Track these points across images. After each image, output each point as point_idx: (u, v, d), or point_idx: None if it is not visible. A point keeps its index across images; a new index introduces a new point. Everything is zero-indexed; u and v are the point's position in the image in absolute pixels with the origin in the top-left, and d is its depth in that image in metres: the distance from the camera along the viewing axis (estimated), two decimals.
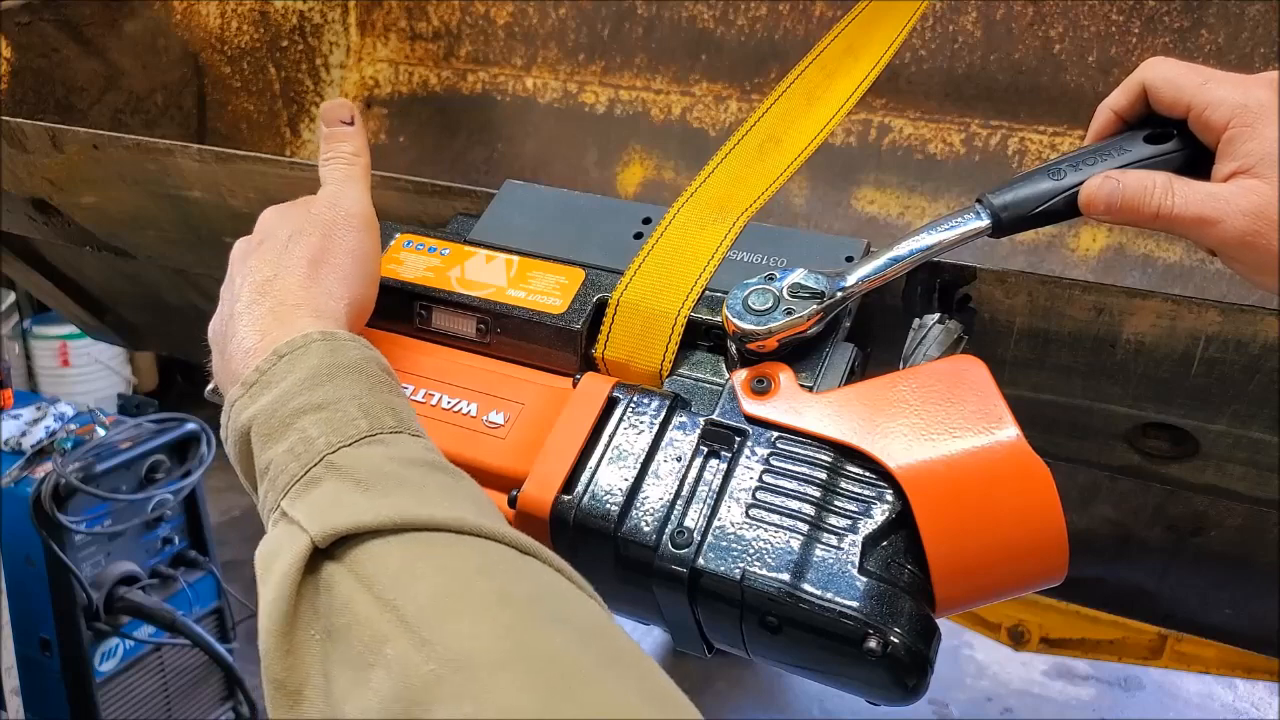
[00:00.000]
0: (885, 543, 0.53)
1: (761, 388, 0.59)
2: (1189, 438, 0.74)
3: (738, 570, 0.53)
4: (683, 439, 0.59)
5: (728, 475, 0.57)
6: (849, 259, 0.66)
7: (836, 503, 0.54)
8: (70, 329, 3.78)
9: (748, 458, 0.57)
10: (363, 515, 0.45)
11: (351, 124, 0.69)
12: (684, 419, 0.60)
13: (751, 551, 0.53)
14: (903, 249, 0.63)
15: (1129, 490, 0.89)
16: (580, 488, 0.58)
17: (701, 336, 0.64)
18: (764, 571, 0.52)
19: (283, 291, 0.58)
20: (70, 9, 1.35)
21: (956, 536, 0.52)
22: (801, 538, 0.53)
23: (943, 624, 0.54)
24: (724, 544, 0.54)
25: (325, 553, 0.45)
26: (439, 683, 0.39)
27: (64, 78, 1.36)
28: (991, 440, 0.53)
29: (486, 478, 0.61)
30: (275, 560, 0.46)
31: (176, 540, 2.32)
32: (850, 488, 0.55)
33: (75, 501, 2.07)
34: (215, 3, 1.54)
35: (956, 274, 0.68)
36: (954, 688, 2.97)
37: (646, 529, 0.56)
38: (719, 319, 0.62)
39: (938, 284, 0.68)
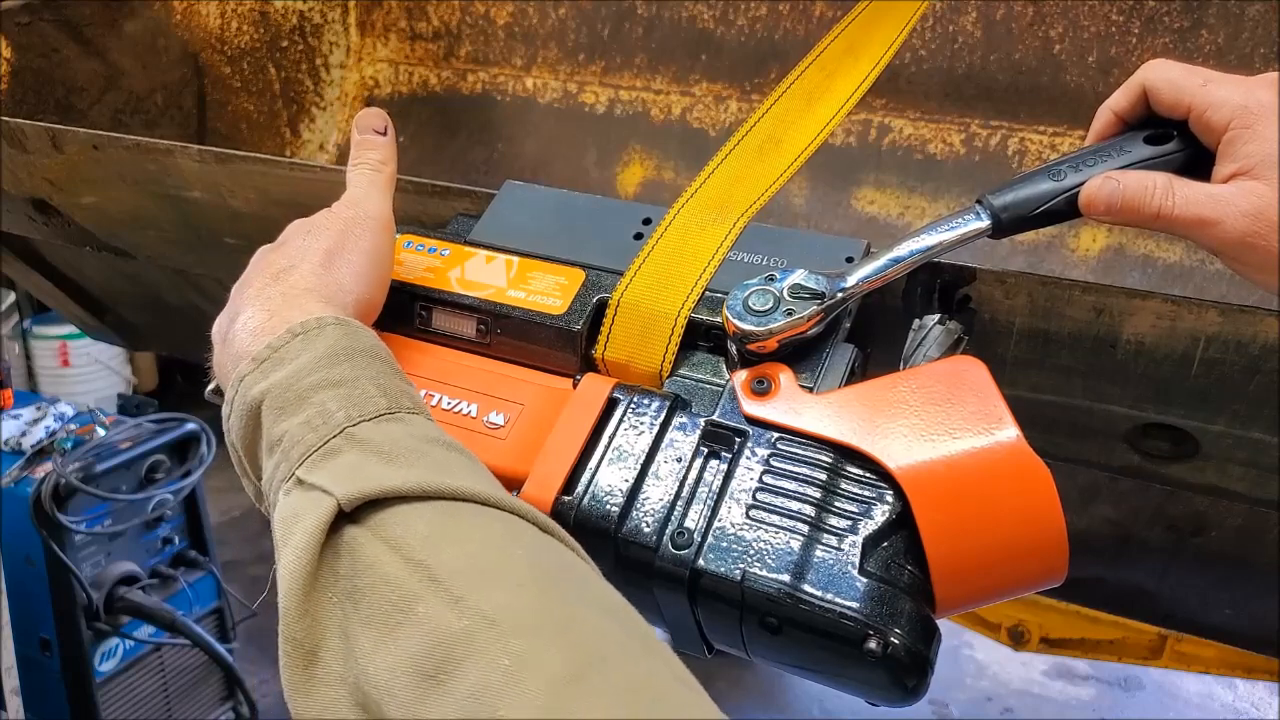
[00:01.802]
0: (885, 543, 0.53)
1: (762, 388, 0.59)
2: (1189, 438, 0.74)
3: (738, 571, 0.53)
4: (683, 440, 0.59)
5: (728, 476, 0.57)
6: (849, 259, 0.66)
7: (837, 503, 0.54)
8: (70, 329, 3.78)
9: (748, 458, 0.57)
10: (390, 481, 0.45)
11: (384, 134, 0.70)
12: (684, 420, 0.60)
13: (752, 552, 0.53)
14: (903, 250, 0.63)
15: (1129, 491, 0.89)
16: (580, 488, 0.58)
17: (702, 337, 0.64)
18: (764, 572, 0.52)
19: (295, 277, 0.59)
20: (70, 9, 1.35)
21: (956, 537, 0.52)
22: (802, 538, 0.53)
23: (943, 624, 0.54)
24: (724, 545, 0.54)
25: (348, 517, 0.45)
26: (472, 639, 0.40)
27: (64, 78, 1.36)
28: (991, 441, 0.53)
29: None
30: (296, 523, 0.46)
31: (176, 540, 2.32)
32: (850, 488, 0.55)
33: (75, 501, 2.07)
34: (215, 3, 1.54)
35: (956, 274, 0.68)
36: (954, 688, 2.97)
37: (647, 530, 0.56)
38: (719, 320, 0.62)
39: (938, 284, 0.68)
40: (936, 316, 0.64)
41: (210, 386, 0.63)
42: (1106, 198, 0.59)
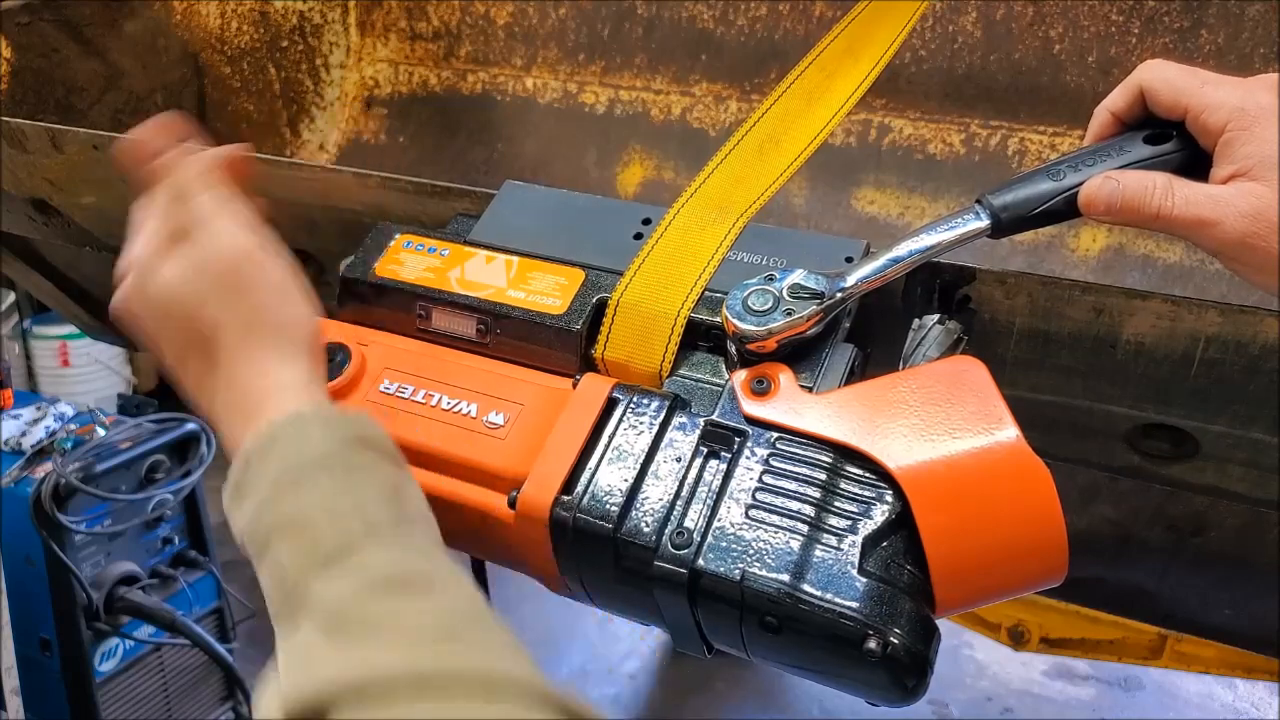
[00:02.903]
0: (885, 543, 0.53)
1: (761, 388, 0.59)
2: (1189, 438, 0.74)
3: (737, 571, 0.53)
4: (682, 439, 0.59)
5: (727, 476, 0.57)
6: (849, 259, 0.66)
7: (836, 503, 0.54)
8: (70, 329, 3.78)
9: (747, 458, 0.57)
10: (327, 681, 0.44)
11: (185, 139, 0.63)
12: (684, 419, 0.60)
13: (751, 552, 0.53)
14: (902, 250, 0.63)
15: (1129, 491, 0.89)
16: (580, 488, 0.58)
17: (701, 337, 0.64)
18: (764, 572, 0.52)
19: (224, 356, 0.55)
20: (70, 9, 1.35)
21: (956, 537, 0.52)
22: (801, 538, 0.53)
23: (942, 624, 0.54)
24: (724, 544, 0.54)
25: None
26: None
27: (64, 78, 1.36)
28: (991, 441, 0.53)
29: (486, 478, 0.61)
30: (260, 698, 0.46)
31: (176, 540, 2.32)
32: (850, 488, 0.55)
33: (75, 501, 2.06)
34: (215, 3, 1.54)
35: (956, 274, 0.68)
36: (954, 688, 2.97)
37: (646, 529, 0.56)
38: (719, 319, 0.62)
39: (937, 284, 0.68)
40: (936, 316, 0.64)
41: None
42: (1106, 197, 0.59)
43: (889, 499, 0.54)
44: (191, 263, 0.57)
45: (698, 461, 0.58)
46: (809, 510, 0.54)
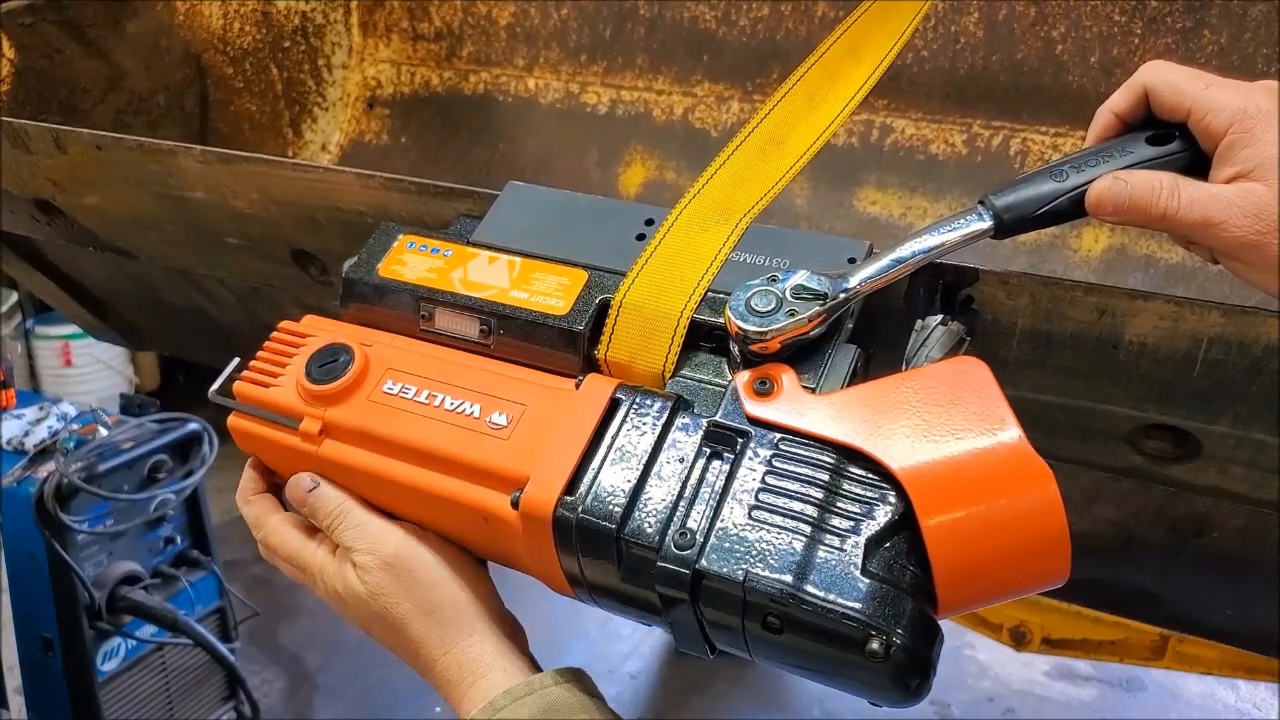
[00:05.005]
0: (888, 544, 0.53)
1: (764, 389, 0.59)
2: (1191, 439, 0.74)
3: (740, 571, 0.53)
4: (685, 440, 0.59)
5: (730, 476, 0.57)
6: (851, 260, 0.66)
7: (839, 504, 0.54)
8: (73, 329, 3.78)
9: (750, 459, 0.57)
10: None
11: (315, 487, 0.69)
12: (686, 420, 0.60)
13: (754, 553, 0.53)
14: (905, 250, 0.63)
15: (1131, 492, 0.89)
16: (583, 489, 0.58)
17: (704, 338, 0.64)
18: (766, 573, 0.52)
19: (418, 659, 0.64)
20: (73, 9, 1.35)
21: (959, 538, 0.52)
22: (804, 539, 0.53)
23: (944, 624, 0.55)
24: (727, 545, 0.54)
25: None
26: None
27: (67, 78, 1.36)
28: (994, 441, 0.53)
29: (489, 479, 0.61)
30: None
31: (178, 540, 2.33)
32: (853, 489, 0.55)
33: (77, 501, 2.07)
34: (218, 3, 1.54)
35: (959, 275, 0.68)
36: (956, 688, 2.97)
37: (649, 530, 0.56)
38: (721, 320, 0.62)
39: (940, 285, 0.68)
40: (939, 317, 0.64)
41: (214, 386, 0.63)
42: (1114, 198, 0.60)
43: (892, 500, 0.54)
44: (356, 578, 0.65)
45: (700, 462, 0.58)
46: (812, 511, 0.54)
